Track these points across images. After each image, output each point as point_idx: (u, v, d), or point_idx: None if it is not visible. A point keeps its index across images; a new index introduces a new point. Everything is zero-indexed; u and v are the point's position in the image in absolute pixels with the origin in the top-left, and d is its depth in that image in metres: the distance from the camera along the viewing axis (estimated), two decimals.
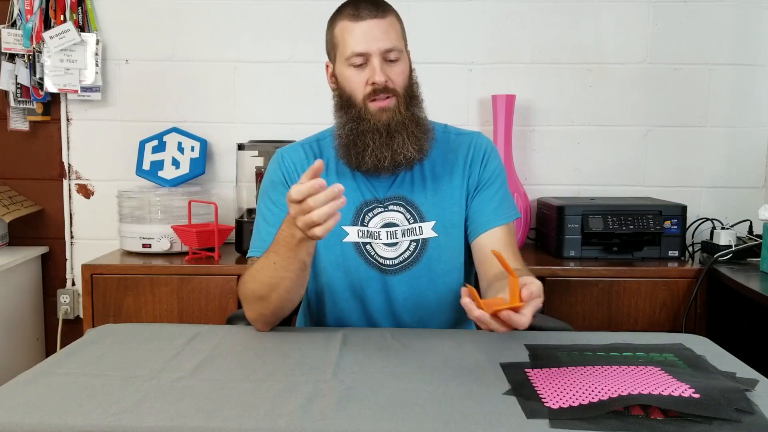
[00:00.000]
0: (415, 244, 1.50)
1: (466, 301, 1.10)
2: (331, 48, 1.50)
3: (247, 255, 1.54)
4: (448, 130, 1.60)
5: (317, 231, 1.20)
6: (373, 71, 1.43)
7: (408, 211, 1.51)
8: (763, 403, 1.01)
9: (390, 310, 1.51)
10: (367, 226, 1.50)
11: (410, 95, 1.49)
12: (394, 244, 1.49)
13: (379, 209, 1.51)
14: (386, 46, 1.43)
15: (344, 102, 1.49)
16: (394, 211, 1.51)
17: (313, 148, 1.57)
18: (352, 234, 1.49)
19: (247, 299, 1.41)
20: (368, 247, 1.49)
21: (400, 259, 1.49)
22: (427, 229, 1.51)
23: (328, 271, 1.50)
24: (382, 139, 1.45)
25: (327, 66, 1.54)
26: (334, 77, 1.52)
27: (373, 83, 1.44)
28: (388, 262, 1.49)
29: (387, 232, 1.49)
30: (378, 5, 1.45)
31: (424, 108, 1.53)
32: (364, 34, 1.43)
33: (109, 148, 2.55)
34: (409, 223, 1.50)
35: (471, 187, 1.54)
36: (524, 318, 1.08)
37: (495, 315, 1.07)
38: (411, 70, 1.51)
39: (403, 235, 1.50)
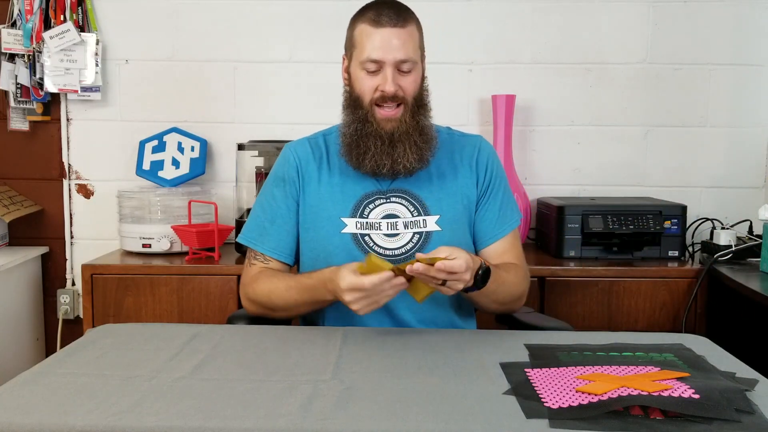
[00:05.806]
0: (418, 236, 1.51)
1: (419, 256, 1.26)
2: (349, 46, 1.52)
3: (238, 238, 1.61)
4: (452, 132, 1.64)
5: (366, 309, 1.32)
6: (384, 80, 1.46)
7: (411, 203, 1.53)
8: (762, 403, 1.01)
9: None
10: (366, 217, 1.51)
11: (418, 104, 1.51)
12: (395, 236, 1.51)
13: (381, 200, 1.52)
14: (401, 57, 1.45)
15: (352, 101, 1.52)
16: (397, 202, 1.53)
17: (318, 144, 1.60)
18: (351, 225, 1.51)
19: (254, 303, 1.55)
20: (366, 238, 1.51)
21: (403, 251, 1.50)
22: (431, 223, 1.52)
23: (326, 262, 1.49)
24: (384, 146, 1.48)
25: (343, 59, 1.56)
26: (347, 73, 1.54)
27: (383, 91, 1.46)
28: (388, 252, 1.50)
29: (387, 222, 1.51)
30: (400, 14, 1.47)
31: (431, 116, 1.55)
32: (381, 42, 1.44)
33: (109, 148, 2.55)
34: (413, 216, 1.52)
35: (480, 190, 1.57)
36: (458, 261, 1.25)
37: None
38: (423, 79, 1.53)
39: (406, 227, 1.51)
